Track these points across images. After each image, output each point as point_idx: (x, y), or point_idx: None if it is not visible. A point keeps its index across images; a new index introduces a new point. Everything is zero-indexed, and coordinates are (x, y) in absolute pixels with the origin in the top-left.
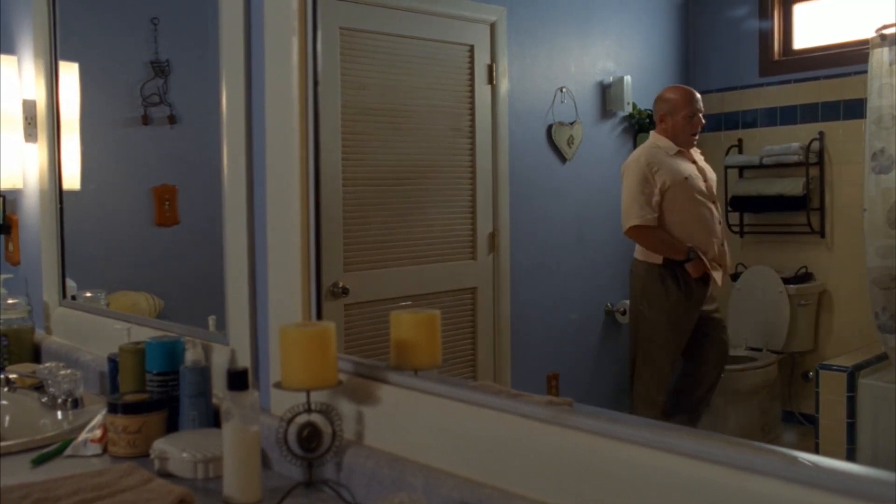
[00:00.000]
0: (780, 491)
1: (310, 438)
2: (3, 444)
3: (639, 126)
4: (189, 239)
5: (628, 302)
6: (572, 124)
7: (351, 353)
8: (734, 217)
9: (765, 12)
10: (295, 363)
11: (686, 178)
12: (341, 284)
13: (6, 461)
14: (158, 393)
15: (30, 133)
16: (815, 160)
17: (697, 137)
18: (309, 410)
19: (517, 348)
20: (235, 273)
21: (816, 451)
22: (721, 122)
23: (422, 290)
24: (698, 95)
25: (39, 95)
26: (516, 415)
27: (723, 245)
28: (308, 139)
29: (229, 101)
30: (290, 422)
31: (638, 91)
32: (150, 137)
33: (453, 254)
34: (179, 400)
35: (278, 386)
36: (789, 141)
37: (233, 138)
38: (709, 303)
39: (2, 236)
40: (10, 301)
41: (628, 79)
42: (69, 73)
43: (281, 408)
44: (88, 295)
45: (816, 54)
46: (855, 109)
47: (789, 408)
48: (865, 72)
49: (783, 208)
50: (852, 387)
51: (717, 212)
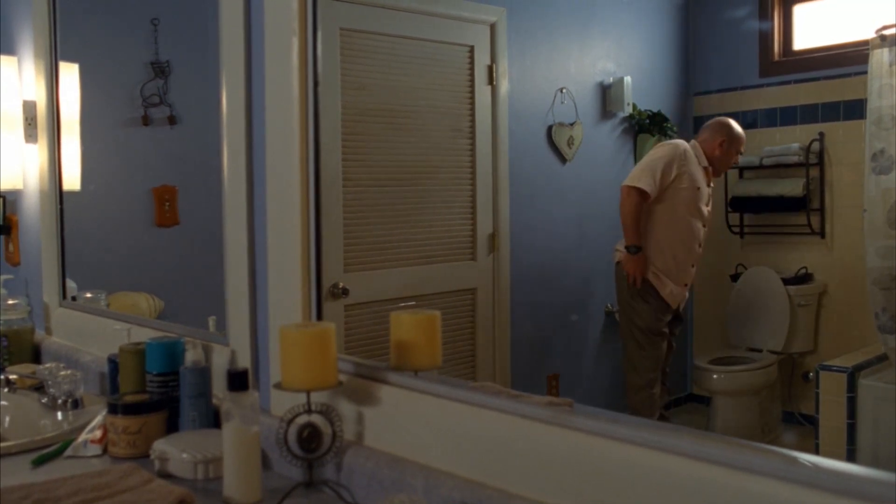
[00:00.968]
0: (779, 491)
1: (310, 439)
2: (3, 444)
3: (639, 127)
4: (189, 240)
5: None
6: (572, 125)
7: (351, 353)
8: (734, 217)
9: (765, 13)
10: (295, 364)
11: (698, 189)
12: (341, 285)
13: (6, 462)
14: (158, 393)
15: (30, 134)
16: (815, 161)
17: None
18: (309, 411)
19: (517, 349)
20: (235, 274)
21: (816, 451)
22: None
23: (422, 290)
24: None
25: (40, 96)
26: (516, 415)
27: (693, 267)
28: (308, 140)
29: (229, 101)
30: (290, 422)
31: (638, 92)
32: (151, 138)
33: (453, 254)
34: (179, 400)
35: (278, 386)
36: (789, 141)
37: (233, 139)
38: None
39: (2, 237)
40: (10, 301)
41: (628, 79)
42: (69, 74)
43: (281, 408)
44: (88, 295)
45: (816, 55)
46: (855, 110)
47: (789, 408)
48: (865, 72)
49: (783, 209)
50: (852, 387)
51: (702, 235)
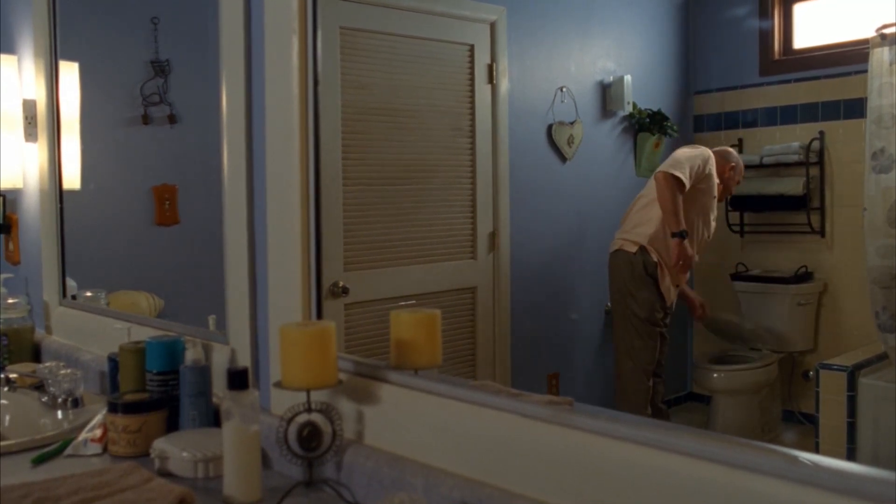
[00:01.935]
0: (780, 490)
1: (310, 438)
2: (3, 443)
3: (639, 125)
4: (189, 238)
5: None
6: (572, 124)
7: (351, 352)
8: (734, 216)
9: (765, 12)
10: (295, 363)
11: (714, 198)
12: (341, 284)
13: (6, 460)
14: (159, 392)
15: (30, 133)
16: (815, 160)
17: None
18: (309, 410)
19: (517, 348)
20: (235, 272)
21: (816, 450)
22: (721, 121)
23: (422, 289)
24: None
25: (39, 95)
26: (516, 414)
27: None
28: (308, 139)
29: (229, 100)
30: (290, 421)
31: (638, 91)
32: (151, 137)
33: (453, 253)
34: (179, 399)
35: (278, 385)
36: (789, 140)
37: (233, 138)
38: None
39: (2, 236)
40: (10, 300)
41: (628, 78)
42: (69, 73)
43: (281, 407)
44: (88, 294)
45: (816, 54)
46: (855, 109)
47: (789, 407)
48: (866, 71)
49: (783, 208)
50: (852, 386)
51: (704, 244)
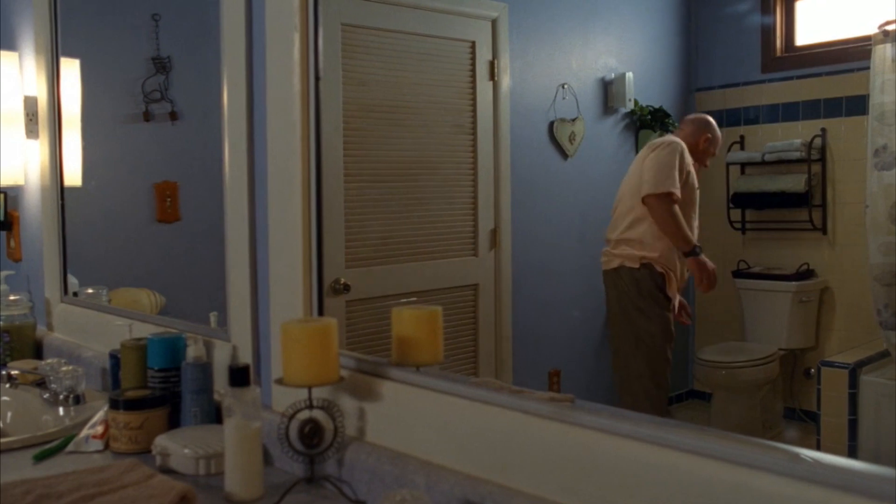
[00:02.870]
0: (781, 487)
1: (311, 435)
2: (4, 440)
3: (640, 123)
4: (190, 235)
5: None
6: (574, 121)
7: (352, 349)
8: (736, 214)
9: (767, 8)
10: (296, 359)
11: (696, 189)
12: (343, 281)
13: (8, 457)
14: (160, 389)
15: (31, 129)
16: (817, 157)
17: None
18: (310, 407)
19: (519, 345)
20: (237, 269)
21: (818, 447)
22: (723, 118)
23: (423, 286)
24: None
25: (41, 92)
26: (518, 411)
27: (688, 271)
28: (309, 135)
29: (231, 97)
30: (291, 418)
31: (640, 87)
32: (152, 134)
33: (455, 250)
34: (181, 396)
35: (280, 382)
36: (791, 137)
37: (234, 134)
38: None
39: (3, 233)
40: (11, 297)
41: (630, 75)
42: (70, 70)
43: (282, 404)
44: (90, 291)
45: (819, 51)
46: (857, 106)
47: (791, 404)
48: (868, 68)
49: (785, 205)
50: (854, 384)
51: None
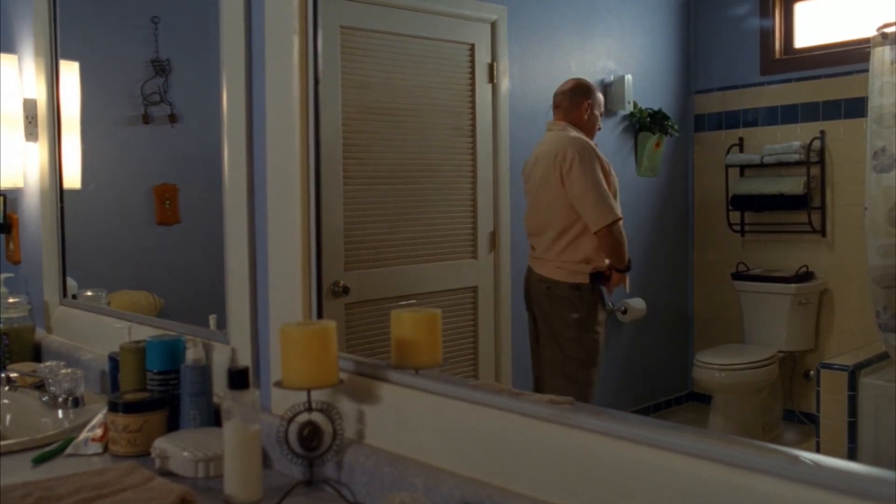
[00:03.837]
0: (781, 490)
1: (310, 437)
2: (4, 443)
3: (640, 125)
4: (190, 238)
5: (635, 301)
6: None
7: (352, 352)
8: (735, 216)
9: (766, 11)
10: (296, 362)
11: (611, 174)
12: (342, 283)
13: (7, 460)
14: (159, 392)
15: (30, 132)
16: (816, 159)
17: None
18: (310, 409)
19: (518, 347)
20: (236, 272)
21: (817, 450)
22: (722, 120)
23: (423, 288)
24: None
25: (40, 94)
26: (518, 414)
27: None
28: (309, 138)
29: (230, 99)
30: (290, 421)
31: (639, 90)
32: (151, 136)
33: (454, 253)
34: (180, 399)
35: (279, 385)
36: (790, 140)
37: (233, 137)
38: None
39: (2, 235)
40: (10, 300)
41: (629, 78)
42: (70, 72)
43: (282, 407)
44: (89, 294)
45: (817, 53)
46: (856, 108)
47: (790, 407)
48: (866, 70)
49: (784, 207)
50: (853, 386)
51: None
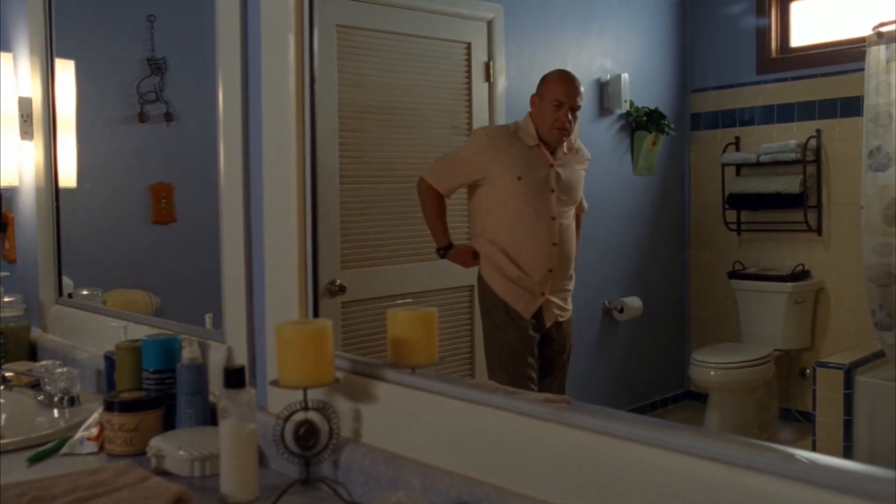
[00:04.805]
0: (777, 488)
1: (307, 436)
2: None
3: (636, 124)
4: (185, 237)
5: (631, 299)
6: None
7: (348, 350)
8: (731, 214)
9: (762, 10)
10: (292, 361)
11: (519, 179)
12: (338, 282)
13: (3, 459)
14: (155, 391)
15: (26, 130)
16: (812, 158)
17: (566, 136)
18: (306, 408)
19: None
20: (232, 271)
21: (813, 448)
22: (718, 119)
23: (419, 287)
24: (578, 87)
25: (35, 93)
26: (514, 412)
27: (551, 272)
28: (305, 137)
29: (226, 98)
30: (287, 419)
31: (635, 89)
32: (147, 135)
33: None
34: (176, 398)
35: (275, 384)
36: (786, 138)
37: (229, 136)
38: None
39: None
40: (6, 299)
41: (626, 76)
42: (65, 71)
43: (278, 405)
44: (85, 293)
45: (814, 52)
46: (852, 107)
47: (786, 405)
48: (862, 69)
49: (780, 206)
50: (849, 384)
51: (559, 230)
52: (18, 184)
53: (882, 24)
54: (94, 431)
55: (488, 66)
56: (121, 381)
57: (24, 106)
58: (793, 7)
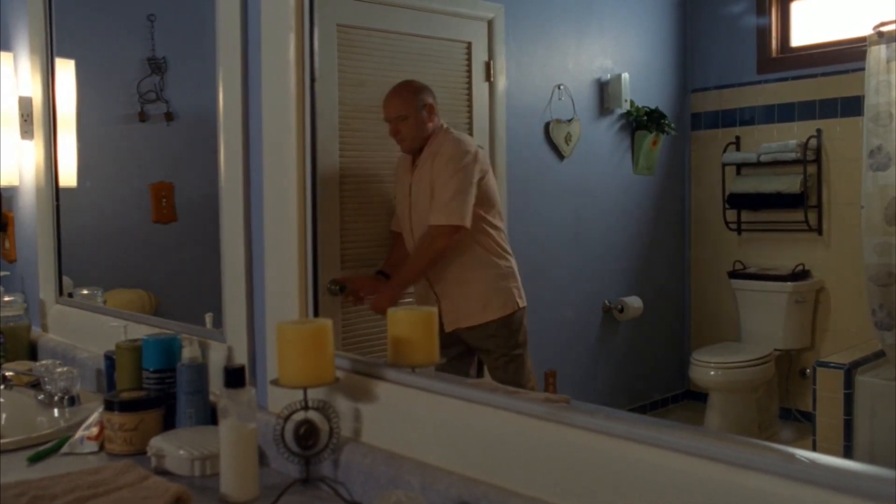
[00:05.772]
0: (777, 488)
1: (307, 436)
2: None
3: (636, 123)
4: (186, 236)
5: (632, 299)
6: (570, 121)
7: (348, 350)
8: (732, 214)
9: (762, 9)
10: (292, 360)
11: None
12: (339, 281)
13: (3, 459)
14: (155, 390)
15: (26, 130)
16: (812, 157)
17: (405, 146)
18: (306, 408)
19: None
20: (232, 270)
21: (813, 448)
22: (718, 119)
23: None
24: (394, 98)
25: (36, 92)
26: (514, 412)
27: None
28: (305, 136)
29: (226, 98)
30: (287, 419)
31: (636, 88)
32: (147, 134)
33: None
34: (176, 397)
35: (275, 383)
36: (787, 138)
37: (230, 135)
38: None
39: None
40: (6, 298)
41: (626, 76)
42: (65, 70)
43: (278, 405)
44: (85, 292)
45: (814, 52)
46: (852, 107)
47: (787, 405)
48: (863, 69)
49: (781, 206)
50: (849, 384)
51: (414, 235)
52: (18, 183)
53: (882, 24)
54: (95, 431)
55: (489, 65)
56: (121, 381)
57: (25, 105)
58: (793, 7)
